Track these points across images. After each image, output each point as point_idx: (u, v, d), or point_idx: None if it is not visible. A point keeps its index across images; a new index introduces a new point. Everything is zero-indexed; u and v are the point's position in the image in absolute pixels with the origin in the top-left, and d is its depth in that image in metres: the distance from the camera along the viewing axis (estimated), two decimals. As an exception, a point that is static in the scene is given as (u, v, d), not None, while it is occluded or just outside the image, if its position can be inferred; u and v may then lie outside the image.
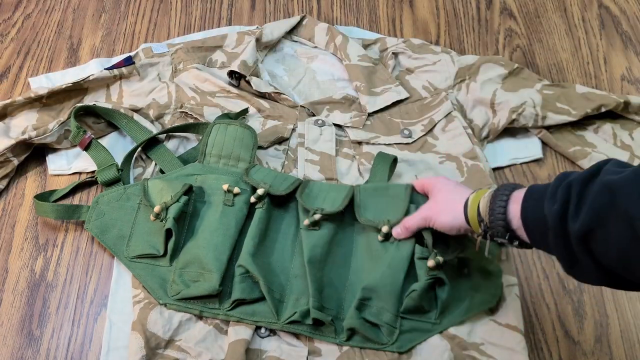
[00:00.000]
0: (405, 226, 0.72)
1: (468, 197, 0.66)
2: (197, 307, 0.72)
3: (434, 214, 0.69)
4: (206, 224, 0.76)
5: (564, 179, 0.54)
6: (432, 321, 0.72)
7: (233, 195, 0.77)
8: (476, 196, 0.65)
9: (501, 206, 0.60)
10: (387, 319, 0.71)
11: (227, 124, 0.83)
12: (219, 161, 0.82)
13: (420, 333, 0.72)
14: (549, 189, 0.55)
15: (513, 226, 0.59)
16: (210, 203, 0.78)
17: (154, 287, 0.73)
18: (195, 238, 0.75)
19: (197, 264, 0.73)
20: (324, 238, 0.75)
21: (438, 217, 0.69)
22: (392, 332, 0.71)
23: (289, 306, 0.72)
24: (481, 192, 0.65)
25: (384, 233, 0.74)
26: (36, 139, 0.85)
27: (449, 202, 0.68)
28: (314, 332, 0.71)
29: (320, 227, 0.75)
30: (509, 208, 0.59)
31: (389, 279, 0.71)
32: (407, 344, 0.71)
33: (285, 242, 0.77)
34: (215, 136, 0.82)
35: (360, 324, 0.70)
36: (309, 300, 0.70)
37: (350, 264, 0.76)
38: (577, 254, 0.52)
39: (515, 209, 0.59)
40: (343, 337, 0.71)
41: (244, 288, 0.72)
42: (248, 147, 0.82)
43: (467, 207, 0.65)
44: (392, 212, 0.75)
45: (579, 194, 0.51)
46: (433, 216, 0.69)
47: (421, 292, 0.70)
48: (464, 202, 0.66)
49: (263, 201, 0.77)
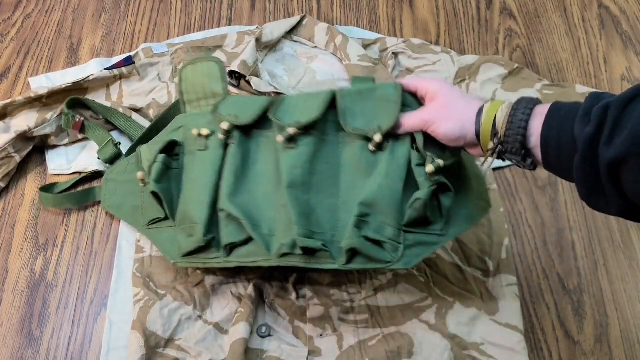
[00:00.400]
0: (402, 119, 0.64)
1: (482, 105, 0.59)
2: (201, 260, 0.70)
3: (437, 118, 0.61)
4: (188, 175, 0.72)
5: (598, 99, 0.49)
6: (437, 232, 0.66)
7: (205, 138, 0.71)
8: (493, 106, 0.58)
9: (523, 120, 0.54)
10: (390, 234, 0.64)
11: (193, 64, 0.76)
12: (199, 105, 0.75)
13: (426, 247, 0.66)
14: (581, 107, 0.49)
15: (530, 144, 0.54)
16: (190, 153, 0.73)
17: (167, 249, 0.72)
18: (183, 193, 0.72)
19: (187, 219, 0.70)
20: (302, 157, 0.67)
21: (442, 123, 0.60)
22: (397, 248, 0.64)
23: (280, 239, 0.66)
24: (498, 103, 0.58)
25: (376, 142, 0.66)
26: (35, 130, 0.86)
27: (457, 107, 0.61)
28: (308, 261, 0.65)
29: (298, 144, 0.67)
30: (531, 123, 0.54)
31: (387, 190, 0.64)
32: (414, 260, 0.65)
33: (268, 173, 0.70)
34: (186, 80, 0.76)
35: (360, 242, 0.64)
36: (293, 228, 0.64)
37: (340, 181, 0.68)
38: (603, 182, 0.47)
39: (537, 124, 0.53)
40: (342, 260, 0.65)
41: (231, 231, 0.68)
42: (217, 78, 0.75)
43: (480, 115, 0.58)
44: (384, 116, 0.66)
45: (616, 117, 0.46)
46: (437, 120, 0.61)
47: (425, 200, 0.63)
48: (476, 110, 0.59)
49: (232, 135, 0.70)
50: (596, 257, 0.83)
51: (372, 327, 0.73)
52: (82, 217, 0.85)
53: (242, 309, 0.73)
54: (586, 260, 0.83)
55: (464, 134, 0.60)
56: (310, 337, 0.73)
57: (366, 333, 0.73)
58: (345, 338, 0.73)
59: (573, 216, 0.86)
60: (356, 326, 0.74)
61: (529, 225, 0.85)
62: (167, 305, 0.73)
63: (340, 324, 0.74)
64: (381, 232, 0.64)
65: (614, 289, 0.81)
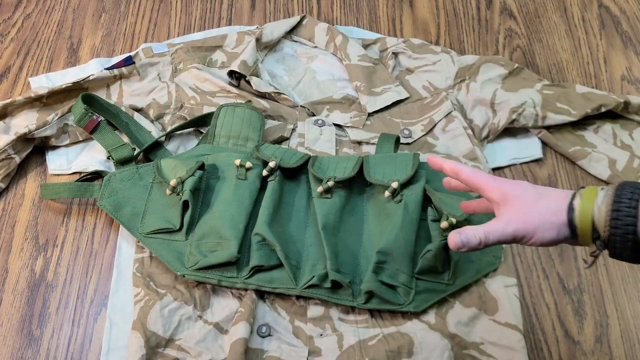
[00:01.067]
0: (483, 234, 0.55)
1: (570, 202, 0.51)
2: (215, 276, 0.74)
3: (529, 229, 0.52)
4: (221, 197, 0.78)
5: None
6: (445, 282, 0.74)
7: (245, 170, 0.79)
8: (586, 201, 0.49)
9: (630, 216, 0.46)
10: (403, 280, 0.72)
11: (235, 106, 0.86)
12: (228, 141, 0.84)
13: (434, 293, 0.74)
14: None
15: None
16: (223, 178, 0.80)
17: (171, 260, 0.75)
18: (211, 211, 0.77)
19: (214, 234, 0.75)
20: (336, 206, 0.77)
21: (537, 233, 0.52)
22: (408, 292, 0.73)
23: (306, 272, 0.73)
24: (590, 193, 0.50)
25: (393, 189, 0.76)
26: (36, 132, 0.86)
27: (542, 211, 0.52)
28: (331, 296, 0.73)
29: (332, 195, 0.78)
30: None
31: (402, 240, 0.73)
32: (423, 304, 0.73)
33: (298, 213, 0.79)
34: (223, 117, 0.85)
35: (377, 286, 0.72)
36: (327, 263, 0.72)
37: (363, 231, 0.78)
38: None
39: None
40: (361, 300, 0.72)
41: (262, 255, 0.73)
42: (255, 127, 0.85)
43: (572, 215, 0.50)
44: (400, 173, 0.78)
45: None
46: (529, 231, 0.52)
47: (436, 252, 0.72)
48: (564, 208, 0.51)
49: (275, 174, 0.79)
50: (596, 257, 0.83)
51: (372, 327, 0.73)
52: (82, 217, 0.85)
53: (242, 308, 0.73)
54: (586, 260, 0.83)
55: (560, 238, 0.52)
56: (310, 337, 0.73)
57: (366, 333, 0.73)
58: (345, 338, 0.73)
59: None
60: (356, 326, 0.74)
61: (529, 225, 0.85)
62: (168, 305, 0.73)
63: (340, 323, 0.74)
64: (395, 277, 0.73)
65: (614, 289, 0.81)
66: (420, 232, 0.75)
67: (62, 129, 0.88)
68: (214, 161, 0.82)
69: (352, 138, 0.89)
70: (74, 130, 0.89)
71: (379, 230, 0.76)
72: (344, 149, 0.88)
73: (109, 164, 0.87)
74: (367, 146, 0.88)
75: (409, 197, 0.76)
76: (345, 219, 0.78)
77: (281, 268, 0.74)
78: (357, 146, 0.89)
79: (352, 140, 0.89)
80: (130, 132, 0.87)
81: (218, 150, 0.84)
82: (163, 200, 0.79)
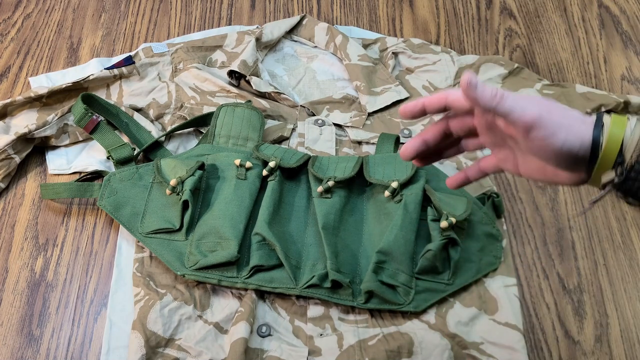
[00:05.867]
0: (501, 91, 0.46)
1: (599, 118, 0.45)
2: (215, 276, 0.74)
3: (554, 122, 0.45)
4: (221, 196, 0.78)
5: None
6: (445, 281, 0.75)
7: (245, 170, 0.79)
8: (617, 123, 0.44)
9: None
10: (403, 280, 0.73)
11: (235, 106, 0.86)
12: (228, 141, 0.85)
13: (434, 293, 0.74)
14: None
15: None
16: (223, 178, 0.80)
17: (171, 260, 0.75)
18: (211, 210, 0.77)
19: (214, 234, 0.75)
20: (336, 206, 0.77)
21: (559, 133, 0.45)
22: (408, 292, 0.73)
23: (306, 272, 0.74)
24: (620, 118, 0.45)
25: (393, 188, 0.76)
26: (36, 132, 0.86)
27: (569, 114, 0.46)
28: (331, 296, 0.73)
29: (332, 195, 0.78)
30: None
31: (402, 240, 0.73)
32: (423, 304, 0.73)
33: (298, 213, 0.80)
34: (223, 117, 0.85)
35: (377, 286, 0.72)
36: (327, 263, 0.72)
37: (363, 230, 0.79)
38: None
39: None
40: (361, 300, 0.73)
41: (262, 255, 0.73)
42: (255, 127, 0.85)
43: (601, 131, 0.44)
44: (400, 173, 0.78)
45: None
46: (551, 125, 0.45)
47: (436, 251, 0.73)
48: (592, 121, 0.45)
49: (275, 174, 0.79)
50: (596, 257, 0.83)
51: (372, 327, 0.73)
52: (82, 217, 0.85)
53: (242, 308, 0.73)
54: (586, 260, 0.83)
55: (579, 153, 0.45)
56: (310, 336, 0.73)
57: (366, 332, 0.73)
58: (345, 337, 0.73)
59: (573, 216, 0.86)
60: (356, 326, 0.74)
61: (528, 225, 0.85)
62: (168, 304, 0.73)
63: (340, 323, 0.74)
64: (395, 277, 0.73)
65: (614, 289, 0.81)
66: (420, 232, 0.76)
67: (62, 129, 0.88)
68: (213, 161, 0.82)
69: (352, 138, 0.89)
70: (74, 130, 0.89)
71: (379, 230, 0.77)
72: (344, 148, 0.88)
73: (109, 164, 0.87)
74: (367, 146, 0.89)
75: (408, 197, 0.76)
76: (345, 218, 0.79)
77: (281, 268, 0.74)
78: (357, 146, 0.89)
79: (352, 140, 0.89)
80: (130, 132, 0.87)
81: (218, 150, 0.84)
82: (163, 200, 0.79)
